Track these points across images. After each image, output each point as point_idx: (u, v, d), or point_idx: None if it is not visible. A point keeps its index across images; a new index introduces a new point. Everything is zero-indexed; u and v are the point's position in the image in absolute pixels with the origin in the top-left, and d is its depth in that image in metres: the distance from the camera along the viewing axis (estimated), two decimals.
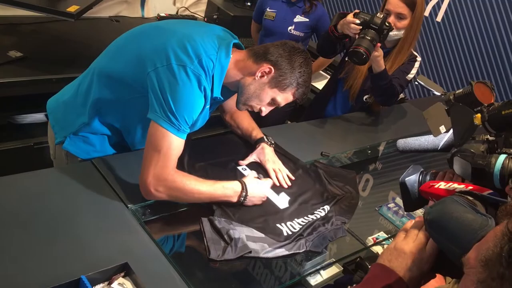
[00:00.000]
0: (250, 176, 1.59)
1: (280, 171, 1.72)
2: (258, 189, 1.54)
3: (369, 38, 1.92)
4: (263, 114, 1.56)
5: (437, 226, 0.82)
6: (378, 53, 2.03)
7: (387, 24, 1.96)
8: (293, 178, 1.73)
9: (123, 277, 1.21)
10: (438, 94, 1.24)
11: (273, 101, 1.51)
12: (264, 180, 1.61)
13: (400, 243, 0.91)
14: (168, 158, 1.37)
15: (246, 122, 1.85)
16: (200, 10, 3.72)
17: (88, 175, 1.48)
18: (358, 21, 1.96)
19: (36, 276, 1.10)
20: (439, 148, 1.27)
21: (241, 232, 1.40)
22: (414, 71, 2.25)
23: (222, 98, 1.51)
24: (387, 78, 2.15)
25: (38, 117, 2.66)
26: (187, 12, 3.65)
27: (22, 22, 2.75)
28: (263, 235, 1.42)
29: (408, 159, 2.13)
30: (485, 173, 1.06)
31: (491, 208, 0.83)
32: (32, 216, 1.27)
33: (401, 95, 2.93)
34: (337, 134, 2.22)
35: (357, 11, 2.00)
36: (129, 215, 1.37)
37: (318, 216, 1.57)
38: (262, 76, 1.46)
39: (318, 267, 1.43)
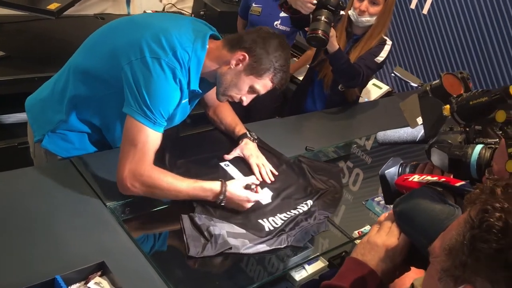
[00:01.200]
0: (236, 181, 1.51)
1: (263, 166, 1.71)
2: (235, 190, 1.46)
3: (326, 20, 1.84)
4: (245, 103, 1.54)
5: (405, 217, 0.81)
6: (332, 33, 1.94)
7: (341, 4, 1.88)
8: (276, 173, 1.72)
9: (100, 276, 1.19)
10: (415, 85, 1.23)
11: (252, 89, 1.49)
12: (246, 178, 1.57)
13: (373, 236, 0.90)
14: (145, 152, 1.36)
15: (229, 117, 1.83)
16: (187, 7, 3.70)
17: (66, 174, 1.46)
18: (315, 1, 1.85)
19: (10, 277, 1.09)
20: (417, 139, 1.26)
21: (222, 228, 1.38)
22: (384, 54, 2.23)
23: (200, 91, 1.50)
24: (343, 58, 2.10)
25: (22, 116, 2.63)
26: (173, 9, 3.63)
27: (5, 21, 2.71)
28: (244, 231, 1.41)
29: (396, 153, 2.12)
30: (462, 163, 1.05)
31: (460, 199, 0.82)
32: (8, 215, 1.26)
33: (388, 88, 2.93)
34: (322, 129, 2.21)
35: None
36: (108, 214, 1.35)
37: (301, 211, 1.56)
38: (237, 64, 1.45)
39: (302, 261, 1.42)
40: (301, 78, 3.03)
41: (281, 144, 1.92)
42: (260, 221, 1.48)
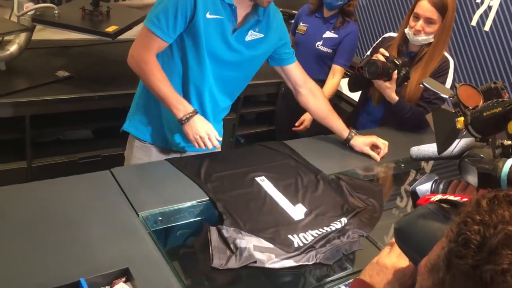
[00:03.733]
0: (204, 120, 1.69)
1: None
2: (202, 123, 1.66)
3: (389, 64, 2.08)
4: None
5: (402, 235, 0.76)
6: (389, 84, 2.12)
7: (407, 69, 2.11)
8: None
9: (124, 282, 1.22)
10: (446, 96, 1.16)
11: None
12: None
13: (383, 257, 0.86)
14: (143, 43, 1.64)
15: (330, 117, 2.03)
16: None
17: (105, 183, 1.53)
18: (387, 54, 2.10)
19: (36, 278, 1.14)
20: (453, 154, 1.18)
21: (249, 241, 1.37)
22: (449, 80, 2.15)
23: (234, 4, 1.61)
24: (405, 108, 2.18)
25: (83, 133, 2.81)
26: None
27: (70, 45, 2.94)
28: (271, 246, 1.39)
29: (446, 169, 2.02)
30: (492, 178, 0.97)
31: None
32: (44, 220, 1.32)
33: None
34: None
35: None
36: (138, 223, 1.39)
37: (334, 228, 1.51)
38: None
39: (332, 279, 1.37)
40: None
41: (324, 160, 1.89)
42: (290, 236, 1.44)
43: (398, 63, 2.09)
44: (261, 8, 1.68)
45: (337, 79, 2.75)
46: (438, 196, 0.95)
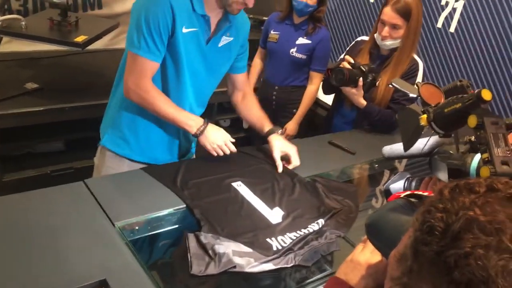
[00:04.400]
0: (217, 128, 1.73)
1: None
2: (217, 132, 1.70)
3: (355, 71, 2.15)
4: (250, 4, 1.61)
5: (373, 229, 0.78)
6: (355, 90, 2.19)
7: (373, 75, 2.17)
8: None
9: None
10: (414, 96, 1.19)
11: None
12: None
13: (357, 254, 0.87)
14: (137, 71, 1.61)
15: (256, 109, 1.96)
16: None
17: (80, 195, 1.50)
18: (352, 61, 2.19)
19: None
20: (423, 152, 1.21)
21: (228, 247, 1.37)
22: (418, 81, 2.20)
23: (207, 15, 1.63)
24: (374, 111, 2.25)
25: (55, 145, 2.76)
26: None
27: (39, 56, 2.89)
28: (250, 250, 1.39)
29: (419, 168, 2.06)
30: (461, 172, 1.00)
31: None
32: (19, 233, 1.29)
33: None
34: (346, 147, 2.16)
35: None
36: (115, 233, 1.37)
37: (311, 230, 1.52)
38: None
39: (311, 281, 1.37)
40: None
41: (302, 164, 1.91)
42: (268, 240, 1.45)
43: (364, 70, 2.16)
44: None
45: (316, 86, 2.80)
46: (407, 193, 0.98)
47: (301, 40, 2.72)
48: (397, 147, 1.29)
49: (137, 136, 1.80)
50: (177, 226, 1.51)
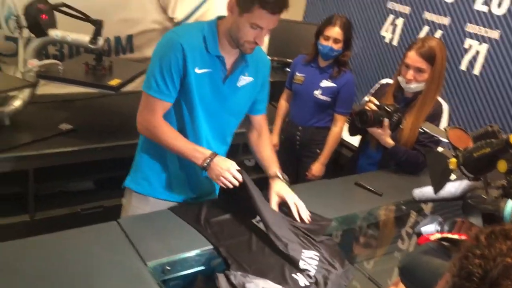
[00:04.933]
0: (225, 158, 1.72)
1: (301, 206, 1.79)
2: (222, 163, 1.68)
3: (379, 112, 2.17)
4: (261, 43, 1.65)
5: (406, 272, 0.79)
6: (382, 131, 2.20)
7: (399, 115, 2.19)
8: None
9: None
10: (445, 141, 1.21)
11: (253, 26, 1.59)
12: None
13: None
14: (148, 110, 1.71)
15: (267, 152, 1.96)
16: None
17: (112, 234, 1.54)
18: (377, 102, 2.21)
19: None
20: (455, 196, 1.22)
21: (258, 285, 1.38)
22: (443, 124, 2.22)
23: (222, 55, 1.69)
24: (400, 151, 2.25)
25: (86, 184, 2.83)
26: None
27: (73, 98, 3.01)
28: (280, 287, 1.40)
29: (446, 210, 2.04)
30: (495, 217, 1.00)
31: None
32: (54, 273, 1.33)
33: None
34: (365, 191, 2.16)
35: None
36: (147, 273, 1.39)
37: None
38: (231, 12, 1.61)
39: None
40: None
41: (324, 205, 1.92)
42: (294, 275, 1.45)
43: (389, 110, 2.19)
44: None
45: (339, 128, 2.84)
46: (437, 235, 0.99)
47: (326, 83, 2.77)
48: (427, 190, 1.30)
49: (158, 175, 1.85)
50: (206, 266, 1.52)
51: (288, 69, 3.53)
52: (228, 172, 1.67)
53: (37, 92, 2.65)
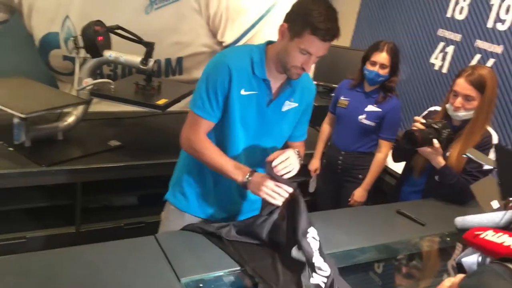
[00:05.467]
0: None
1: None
2: (264, 178, 1.61)
3: (427, 130, 2.09)
4: (308, 70, 1.65)
5: None
6: (432, 150, 2.13)
7: (448, 130, 2.13)
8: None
9: None
10: (490, 167, 1.16)
11: (303, 51, 1.58)
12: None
13: None
14: (194, 127, 1.73)
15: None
16: None
17: (149, 248, 1.57)
18: (423, 120, 2.15)
19: None
20: (498, 226, 1.17)
21: None
22: (492, 155, 2.12)
23: (268, 79, 1.70)
24: (451, 174, 2.15)
25: (129, 199, 2.91)
26: None
27: (123, 116, 3.13)
28: None
29: None
30: None
31: None
32: (91, 283, 1.36)
33: None
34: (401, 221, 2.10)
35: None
36: None
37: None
38: (282, 37, 1.63)
39: None
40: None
41: (363, 231, 1.88)
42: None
43: (437, 127, 2.12)
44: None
45: (384, 154, 2.79)
46: (489, 233, 0.93)
47: (371, 108, 2.74)
48: (470, 219, 1.25)
49: (195, 192, 1.89)
50: (239, 286, 1.52)
51: (332, 94, 3.54)
52: (273, 183, 1.59)
53: (89, 109, 2.78)
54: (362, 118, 2.76)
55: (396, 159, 2.43)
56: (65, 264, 1.43)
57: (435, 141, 2.10)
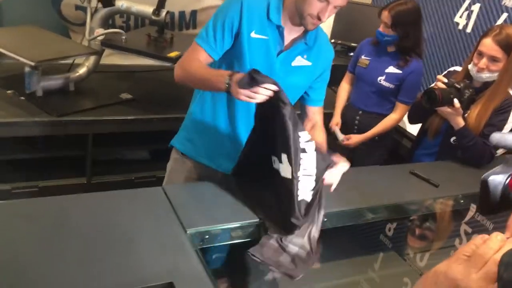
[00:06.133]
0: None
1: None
2: (243, 78, 1.43)
3: (448, 89, 2.00)
4: (323, 18, 1.56)
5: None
6: (453, 110, 2.04)
7: (470, 90, 2.05)
8: None
9: None
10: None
11: None
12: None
13: (457, 268, 0.59)
14: (191, 55, 1.66)
15: (320, 140, 1.78)
16: None
17: (156, 199, 1.56)
18: (445, 80, 2.06)
19: (84, 283, 1.16)
20: None
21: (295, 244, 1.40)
22: (511, 118, 2.06)
23: (281, 25, 1.64)
24: (469, 136, 2.08)
25: (141, 153, 2.91)
26: None
27: (135, 70, 3.09)
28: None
29: None
30: None
31: None
32: (98, 230, 1.36)
33: None
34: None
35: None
36: (185, 240, 1.39)
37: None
38: None
39: None
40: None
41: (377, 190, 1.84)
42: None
43: (459, 87, 2.04)
44: (311, 34, 1.68)
45: (398, 116, 2.72)
46: None
47: (391, 69, 2.65)
48: (509, 136, 1.16)
49: (203, 138, 1.84)
50: (246, 239, 1.51)
51: (351, 54, 3.43)
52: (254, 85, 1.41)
53: (102, 61, 2.73)
54: (381, 79, 2.67)
55: (412, 119, 2.36)
56: (73, 210, 1.43)
57: (455, 100, 2.02)
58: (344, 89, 2.94)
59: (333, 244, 1.76)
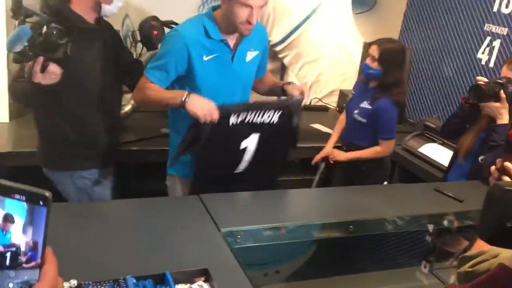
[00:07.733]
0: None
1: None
2: (202, 100, 1.76)
3: (492, 84, 2.10)
4: (254, 21, 1.77)
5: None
6: (501, 104, 2.09)
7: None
8: None
9: (204, 281, 1.34)
10: None
11: (242, 6, 1.73)
12: None
13: None
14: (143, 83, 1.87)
15: (270, 80, 2.18)
16: (332, 101, 3.95)
17: (192, 205, 1.72)
18: (485, 79, 2.14)
19: (130, 267, 1.31)
20: None
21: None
22: None
23: (222, 37, 1.84)
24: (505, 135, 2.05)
25: None
26: (320, 103, 3.92)
27: None
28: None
29: None
30: None
31: None
32: (142, 227, 1.54)
33: None
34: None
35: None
36: (219, 237, 1.53)
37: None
38: (223, 1, 1.80)
39: None
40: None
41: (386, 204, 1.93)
42: None
43: (502, 82, 2.10)
44: None
45: (381, 150, 2.66)
46: None
47: (364, 104, 2.65)
48: None
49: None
50: (281, 242, 1.63)
51: None
52: (208, 108, 1.74)
53: None
54: (356, 112, 2.68)
55: (444, 131, 2.45)
56: (120, 212, 1.63)
57: (501, 92, 2.08)
58: (339, 121, 2.97)
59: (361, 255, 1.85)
